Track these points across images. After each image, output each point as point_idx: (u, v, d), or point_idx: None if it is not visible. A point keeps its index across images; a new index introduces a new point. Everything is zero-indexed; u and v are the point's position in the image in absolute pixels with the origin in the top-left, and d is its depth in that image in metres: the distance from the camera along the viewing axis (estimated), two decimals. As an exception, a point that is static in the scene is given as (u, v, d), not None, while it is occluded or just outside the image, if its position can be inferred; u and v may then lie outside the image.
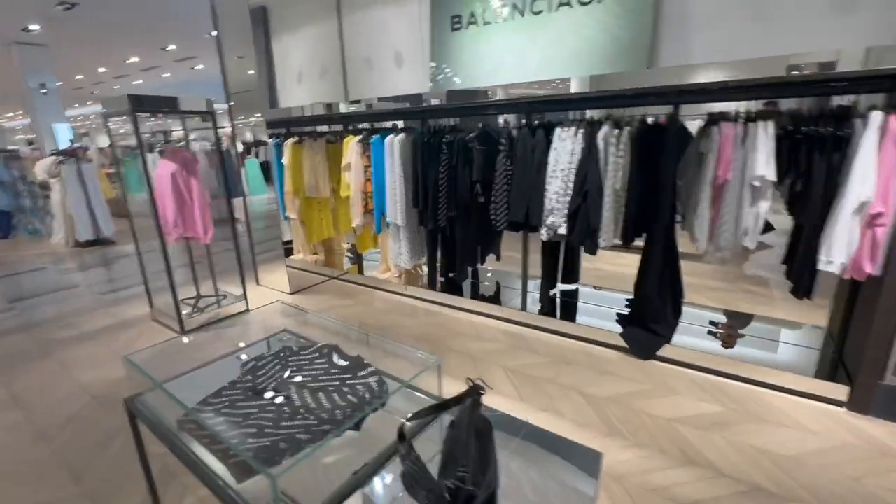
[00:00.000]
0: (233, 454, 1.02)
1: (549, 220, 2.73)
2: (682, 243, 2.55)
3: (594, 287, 3.55)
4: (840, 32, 2.18)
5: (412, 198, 3.41)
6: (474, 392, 0.96)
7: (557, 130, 2.66)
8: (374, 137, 3.53)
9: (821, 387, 2.23)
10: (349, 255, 4.85)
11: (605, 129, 2.50)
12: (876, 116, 1.86)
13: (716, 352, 2.58)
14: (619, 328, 2.81)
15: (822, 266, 2.04)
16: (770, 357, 2.55)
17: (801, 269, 2.20)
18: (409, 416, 1.01)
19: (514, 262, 3.39)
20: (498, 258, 3.60)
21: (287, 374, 1.32)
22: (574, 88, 2.73)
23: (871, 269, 1.95)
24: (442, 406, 0.99)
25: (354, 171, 3.72)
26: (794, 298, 2.29)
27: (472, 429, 0.91)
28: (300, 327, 1.79)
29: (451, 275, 3.80)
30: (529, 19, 2.97)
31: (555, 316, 3.15)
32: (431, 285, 3.73)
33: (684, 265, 2.59)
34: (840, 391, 2.18)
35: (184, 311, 3.26)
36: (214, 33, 3.67)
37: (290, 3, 3.98)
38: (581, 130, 2.58)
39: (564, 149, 2.62)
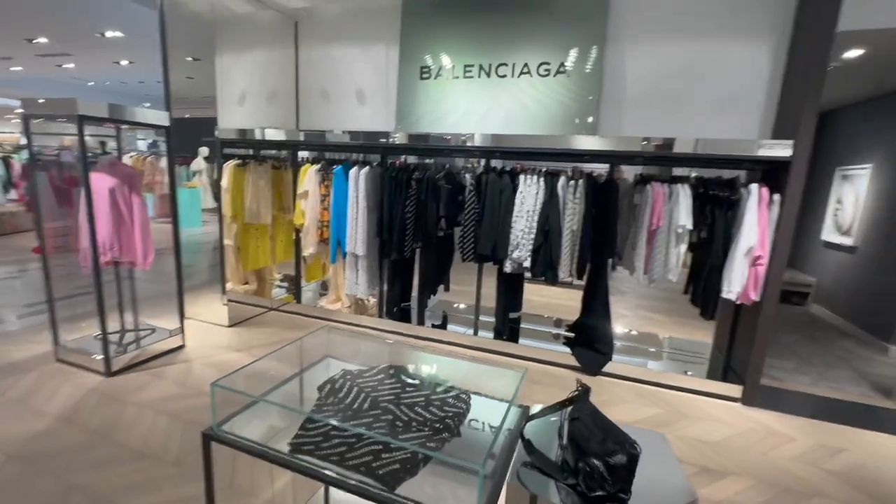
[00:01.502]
0: (378, 465, 1.07)
1: (515, 255, 3.10)
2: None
3: (547, 317, 4.00)
4: (721, 124, 3.01)
5: (376, 229, 3.51)
6: (585, 389, 1.19)
7: (523, 177, 3.08)
8: (337, 168, 3.58)
9: (722, 388, 2.90)
10: (282, 284, 4.62)
11: (562, 180, 3.00)
12: (754, 187, 2.62)
13: (645, 366, 3.16)
14: (562, 349, 3.24)
15: (724, 294, 2.73)
16: (680, 367, 3.21)
17: (706, 297, 2.89)
18: (531, 414, 1.19)
19: (455, 293, 3.73)
20: (447, 289, 3.86)
21: (368, 394, 1.38)
22: (533, 144, 3.18)
23: (755, 296, 2.68)
24: (564, 403, 1.19)
25: (311, 200, 3.69)
26: (680, 322, 2.99)
27: (593, 415, 1.13)
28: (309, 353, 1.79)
29: (403, 304, 3.92)
30: (495, 80, 3.42)
31: (514, 340, 3.48)
32: (389, 314, 3.79)
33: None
34: (735, 390, 2.86)
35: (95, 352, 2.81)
36: (114, 34, 3.39)
37: (237, 24, 3.87)
38: (542, 179, 3.04)
39: (530, 193, 3.04)
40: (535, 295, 3.93)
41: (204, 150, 6.73)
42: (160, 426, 2.27)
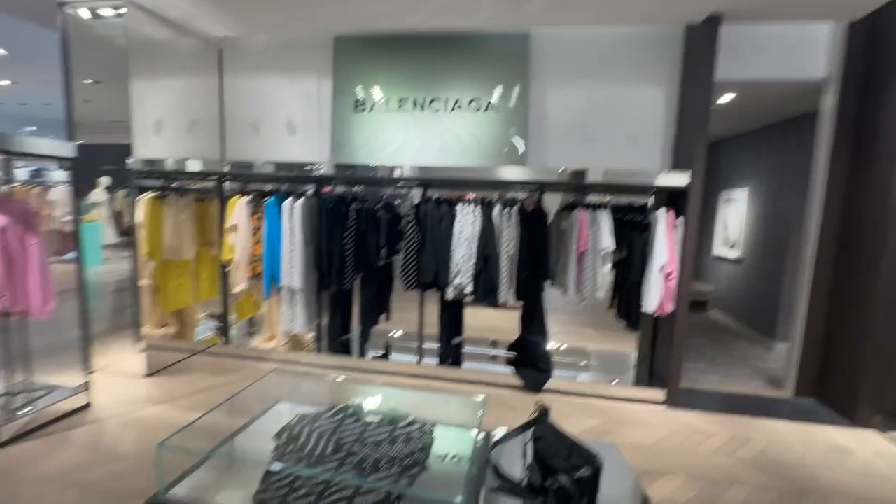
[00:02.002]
0: (352, 512, 1.04)
1: (457, 281, 3.18)
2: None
3: (491, 341, 4.10)
4: (631, 156, 3.40)
5: (314, 261, 3.42)
6: (545, 409, 1.26)
7: (460, 206, 3.20)
8: (270, 200, 3.45)
9: (648, 393, 3.17)
10: (217, 324, 4.27)
11: (497, 208, 3.17)
12: (661, 212, 2.98)
13: (581, 380, 3.37)
14: (505, 370, 3.36)
15: (644, 308, 3.02)
16: (610, 377, 3.47)
17: (629, 310, 3.18)
18: (495, 440, 1.23)
19: (396, 321, 3.78)
20: (388, 318, 3.84)
21: (329, 437, 1.34)
22: (462, 175, 3.31)
23: (670, 308, 3.00)
24: (526, 426, 1.25)
25: (242, 234, 3.50)
26: (607, 334, 3.28)
27: (556, 434, 1.21)
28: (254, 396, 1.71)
29: (343, 337, 3.82)
30: (429, 114, 3.55)
31: (457, 365, 3.52)
32: (330, 348, 3.66)
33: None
34: (659, 394, 3.15)
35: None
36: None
37: (153, 49, 3.64)
38: (479, 208, 3.19)
39: (467, 221, 3.17)
40: (472, 318, 4.03)
41: (104, 180, 6.09)
42: (69, 502, 1.96)
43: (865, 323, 2.87)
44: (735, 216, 5.42)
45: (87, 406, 2.77)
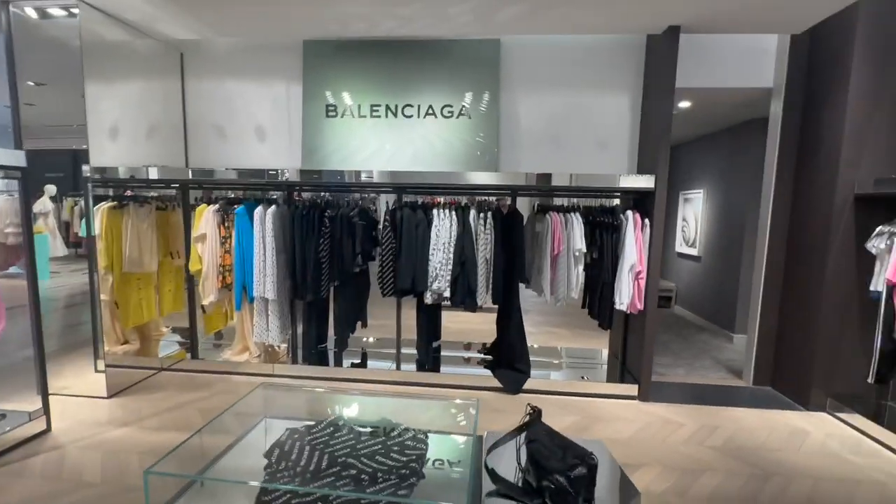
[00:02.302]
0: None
1: (435, 286, 3.19)
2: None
3: (465, 345, 4.12)
4: (599, 160, 3.53)
5: (288, 270, 3.34)
6: (538, 412, 1.30)
7: (436, 211, 3.22)
8: (239, 208, 3.35)
9: (622, 388, 3.29)
10: (181, 339, 4.08)
11: (473, 212, 3.21)
12: (630, 214, 3.11)
13: (557, 379, 3.45)
14: (484, 373, 3.40)
15: (617, 306, 3.14)
16: (585, 374, 3.58)
17: (602, 309, 3.29)
18: (491, 444, 1.25)
19: (371, 328, 3.78)
20: (364, 325, 3.80)
21: (323, 451, 1.32)
22: (432, 180, 3.32)
23: (640, 306, 3.13)
24: (518, 430, 1.27)
25: (210, 243, 3.38)
26: (579, 333, 3.41)
27: (549, 435, 1.24)
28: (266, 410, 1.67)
29: (320, 346, 3.75)
30: (402, 120, 3.55)
31: (436, 370, 3.52)
32: (306, 359, 3.59)
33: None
34: (632, 389, 3.27)
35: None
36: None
37: (109, 51, 3.46)
38: (455, 212, 3.22)
39: (444, 226, 3.19)
40: (448, 322, 4.05)
41: (51, 189, 5.71)
42: (31, 536, 1.83)
43: (814, 315, 3.10)
44: (692, 215, 5.72)
45: (45, 431, 2.59)
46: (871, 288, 2.78)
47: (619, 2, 2.70)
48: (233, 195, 3.73)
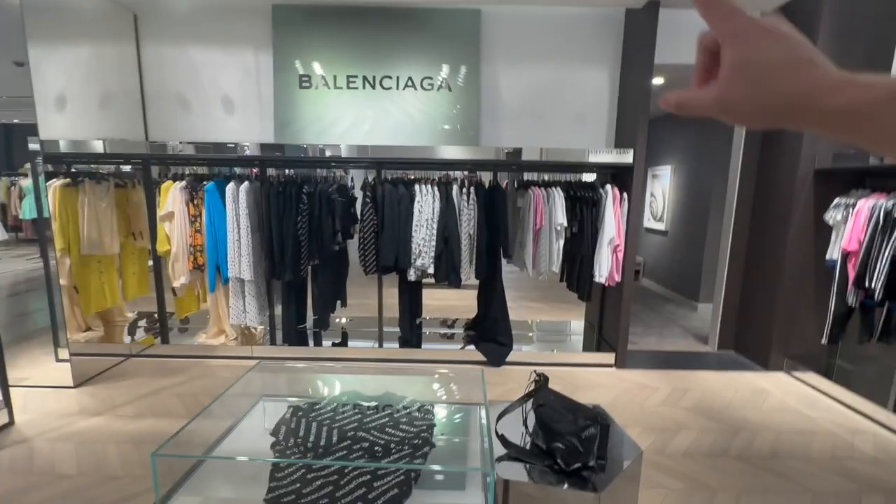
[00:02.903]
0: (374, 496, 1.03)
1: (419, 263, 3.17)
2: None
3: (446, 322, 4.14)
4: (579, 135, 3.56)
5: (267, 249, 3.22)
6: (545, 378, 1.33)
7: (419, 187, 3.17)
8: (209, 184, 3.17)
9: (599, 357, 3.43)
10: (147, 325, 3.89)
11: (455, 188, 3.18)
12: (609, 188, 3.17)
13: (539, 351, 3.55)
14: (461, 347, 3.45)
15: (596, 279, 3.23)
16: (563, 346, 3.70)
17: (581, 282, 3.38)
18: (502, 411, 1.27)
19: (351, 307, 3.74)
20: (344, 304, 3.75)
21: (331, 426, 1.31)
22: (403, 154, 3.25)
23: (618, 278, 3.24)
24: (527, 397, 1.30)
25: (178, 222, 3.20)
26: (556, 306, 3.49)
27: (557, 399, 1.27)
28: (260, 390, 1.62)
29: (299, 326, 3.68)
30: (380, 92, 3.43)
31: (418, 346, 3.54)
32: (286, 339, 3.51)
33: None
34: (609, 357, 3.41)
35: None
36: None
37: (49, 10, 3.13)
38: (437, 188, 3.18)
39: (427, 202, 3.15)
40: (426, 299, 4.06)
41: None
42: (8, 532, 1.73)
43: (774, 284, 3.31)
44: (660, 191, 5.92)
45: (9, 425, 2.42)
46: (827, 257, 2.99)
47: (602, -27, 2.69)
48: (198, 171, 3.53)
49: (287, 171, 3.50)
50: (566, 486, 1.09)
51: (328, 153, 3.15)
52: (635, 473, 1.26)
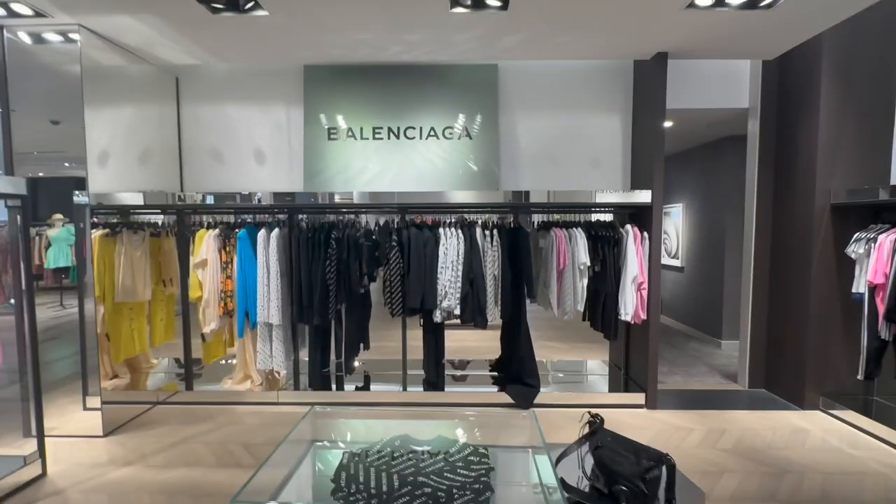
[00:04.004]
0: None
1: (445, 304, 3.21)
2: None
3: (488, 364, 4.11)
4: (594, 178, 3.69)
5: (296, 294, 3.29)
6: (600, 420, 1.34)
7: (443, 230, 3.27)
8: (241, 231, 3.30)
9: (629, 398, 3.37)
10: (177, 371, 3.90)
11: (479, 230, 3.27)
12: (629, 228, 3.25)
13: (566, 392, 3.51)
14: (487, 389, 3.41)
15: (622, 317, 3.24)
16: (592, 386, 3.65)
17: (606, 320, 3.38)
18: (560, 454, 1.28)
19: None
20: (367, 347, 3.76)
21: (390, 472, 1.32)
22: (441, 200, 3.39)
23: (643, 316, 3.25)
24: (584, 439, 1.30)
25: (211, 269, 3.29)
26: (576, 346, 3.51)
27: (616, 440, 1.28)
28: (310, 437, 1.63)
29: (323, 371, 3.67)
30: (404, 142, 3.62)
31: (441, 389, 3.50)
32: (312, 384, 3.50)
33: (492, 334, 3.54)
34: (638, 398, 3.35)
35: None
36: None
37: (100, 77, 3.39)
38: (461, 230, 3.27)
39: (452, 245, 3.23)
40: (447, 340, 4.04)
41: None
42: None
43: (801, 319, 3.29)
44: (673, 228, 5.99)
45: (41, 476, 2.41)
46: (854, 290, 3.00)
47: (613, 31, 2.89)
48: (227, 220, 3.67)
49: (306, 216, 3.62)
50: (633, 530, 1.09)
51: (337, 199, 3.32)
52: (698, 517, 1.24)
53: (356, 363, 4.01)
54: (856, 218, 3.11)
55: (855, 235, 2.99)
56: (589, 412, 1.37)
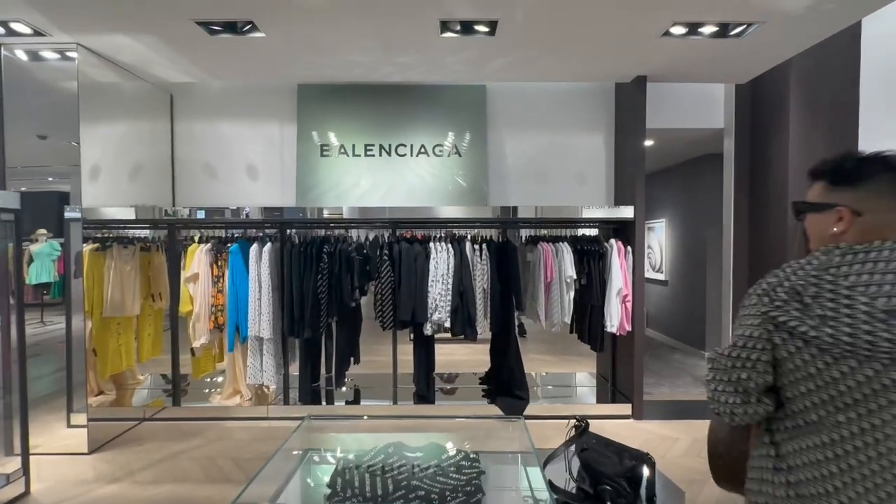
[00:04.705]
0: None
1: (435, 317, 3.26)
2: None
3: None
4: (580, 193, 3.81)
5: (287, 308, 3.31)
6: (585, 424, 1.40)
7: (433, 244, 3.34)
8: (233, 246, 3.32)
9: (615, 409, 3.44)
10: (164, 386, 3.86)
11: (468, 244, 3.36)
12: (613, 242, 3.36)
13: (555, 404, 3.56)
14: (475, 402, 3.45)
15: (608, 329, 3.32)
16: (580, 398, 3.70)
17: (593, 333, 3.46)
18: (547, 458, 1.33)
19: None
20: (357, 361, 3.77)
21: (384, 477, 1.36)
22: (437, 215, 3.50)
23: (628, 327, 3.34)
24: (569, 442, 1.36)
25: (202, 283, 3.30)
26: (563, 358, 3.57)
27: (600, 443, 1.34)
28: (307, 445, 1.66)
29: (314, 385, 3.67)
30: (395, 159, 3.71)
31: (432, 402, 3.53)
32: (302, 398, 3.50)
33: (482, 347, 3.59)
34: (625, 409, 3.42)
35: None
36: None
37: (95, 93, 3.43)
38: (451, 245, 3.35)
39: (442, 258, 3.30)
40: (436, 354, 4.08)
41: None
42: None
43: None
44: (657, 243, 6.16)
45: (25, 494, 2.37)
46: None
47: (595, 56, 3.05)
48: (217, 234, 3.70)
49: (297, 231, 3.68)
50: (618, 528, 1.14)
51: (325, 214, 3.41)
52: (680, 516, 1.30)
53: (348, 380, 4.03)
54: (826, 232, 3.26)
55: (826, 249, 3.13)
56: (575, 417, 1.43)
